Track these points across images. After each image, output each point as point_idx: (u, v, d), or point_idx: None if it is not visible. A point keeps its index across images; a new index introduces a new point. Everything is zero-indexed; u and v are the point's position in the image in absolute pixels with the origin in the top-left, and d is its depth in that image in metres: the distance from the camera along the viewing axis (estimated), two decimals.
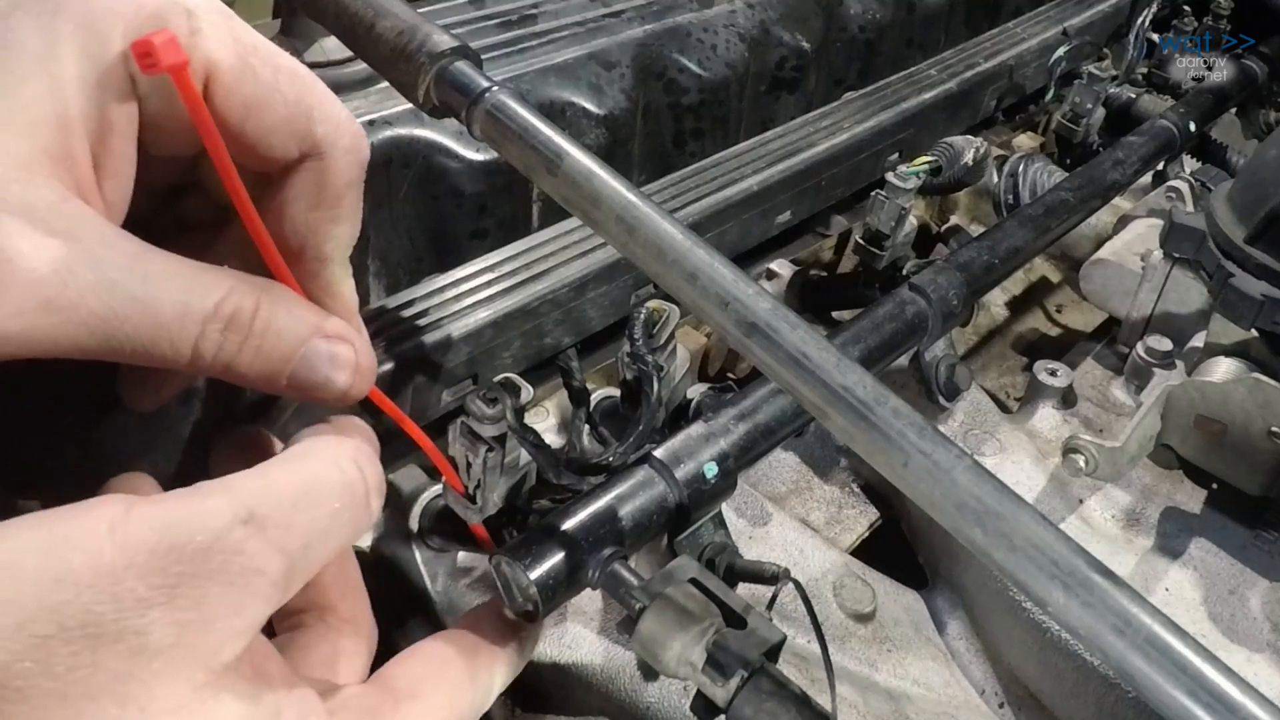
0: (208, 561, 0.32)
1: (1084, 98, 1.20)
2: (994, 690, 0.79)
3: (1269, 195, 0.79)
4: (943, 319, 0.75)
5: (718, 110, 0.90)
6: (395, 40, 0.46)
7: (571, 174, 0.42)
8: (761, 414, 0.63)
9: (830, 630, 0.74)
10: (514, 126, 0.43)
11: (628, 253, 0.41)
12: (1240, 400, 0.77)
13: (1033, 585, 0.33)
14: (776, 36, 0.95)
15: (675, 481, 0.56)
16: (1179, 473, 0.85)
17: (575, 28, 0.84)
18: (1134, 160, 1.00)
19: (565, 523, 0.52)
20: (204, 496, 0.34)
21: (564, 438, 0.77)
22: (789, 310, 0.38)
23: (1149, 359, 0.87)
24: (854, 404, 0.35)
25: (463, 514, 0.53)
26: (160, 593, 0.31)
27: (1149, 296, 0.92)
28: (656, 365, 0.52)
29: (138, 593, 0.31)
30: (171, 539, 0.32)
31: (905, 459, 0.34)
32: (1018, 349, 1.13)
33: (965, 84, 1.12)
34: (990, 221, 1.18)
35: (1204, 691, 0.30)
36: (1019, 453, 0.85)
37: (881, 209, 0.90)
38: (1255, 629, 0.74)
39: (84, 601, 0.30)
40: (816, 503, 0.87)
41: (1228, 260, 0.80)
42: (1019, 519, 0.33)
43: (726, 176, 0.87)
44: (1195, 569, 0.78)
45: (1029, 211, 0.88)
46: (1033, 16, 1.31)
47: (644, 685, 0.66)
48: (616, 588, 0.51)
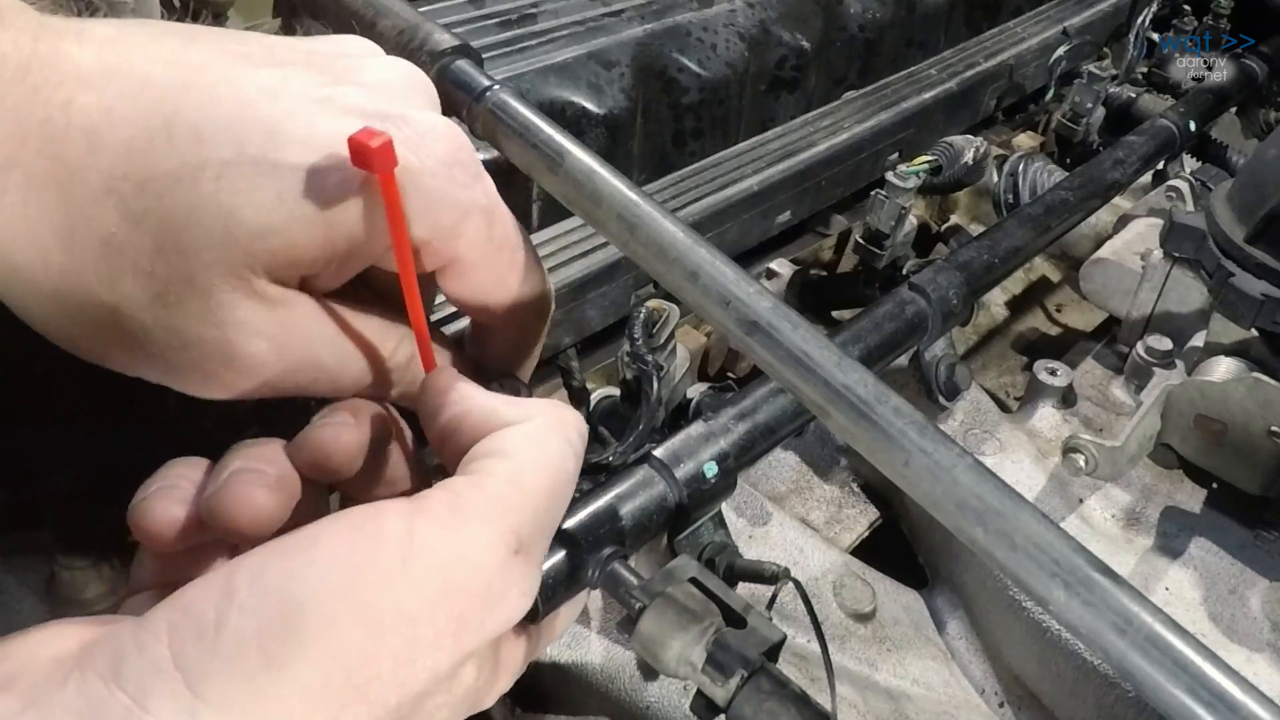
0: (488, 597, 0.33)
1: (1084, 97, 1.20)
2: (994, 690, 0.79)
3: (1269, 195, 0.79)
4: (943, 318, 0.75)
5: (718, 110, 0.90)
6: (396, 39, 0.46)
7: (573, 173, 0.42)
8: (761, 413, 0.63)
9: (830, 630, 0.74)
10: (515, 125, 0.43)
11: (629, 251, 0.41)
12: (1240, 400, 0.77)
13: (1034, 584, 0.33)
14: (776, 36, 0.94)
15: (675, 481, 0.56)
16: (1179, 472, 0.85)
17: (575, 27, 0.84)
18: (1134, 160, 1.00)
19: (565, 522, 0.51)
20: (476, 524, 0.34)
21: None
22: (790, 309, 0.38)
23: (1149, 358, 0.87)
24: (855, 402, 0.35)
25: None
26: (449, 636, 0.32)
27: (1149, 296, 0.92)
28: (656, 364, 0.52)
29: (429, 637, 0.32)
30: (454, 578, 0.32)
31: (906, 458, 0.34)
32: (1018, 348, 1.13)
33: (965, 83, 1.12)
34: (990, 221, 1.18)
35: (1205, 690, 0.30)
36: (1019, 452, 0.85)
37: (881, 208, 0.90)
38: (1255, 628, 0.74)
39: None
40: (816, 502, 0.87)
41: (1228, 260, 0.80)
42: (1020, 518, 0.33)
43: (726, 176, 0.87)
44: (1195, 568, 0.78)
45: (1029, 211, 0.88)
46: (1033, 16, 1.31)
47: (644, 685, 0.66)
48: (616, 587, 0.51)
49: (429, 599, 0.31)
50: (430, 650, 0.31)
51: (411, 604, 0.31)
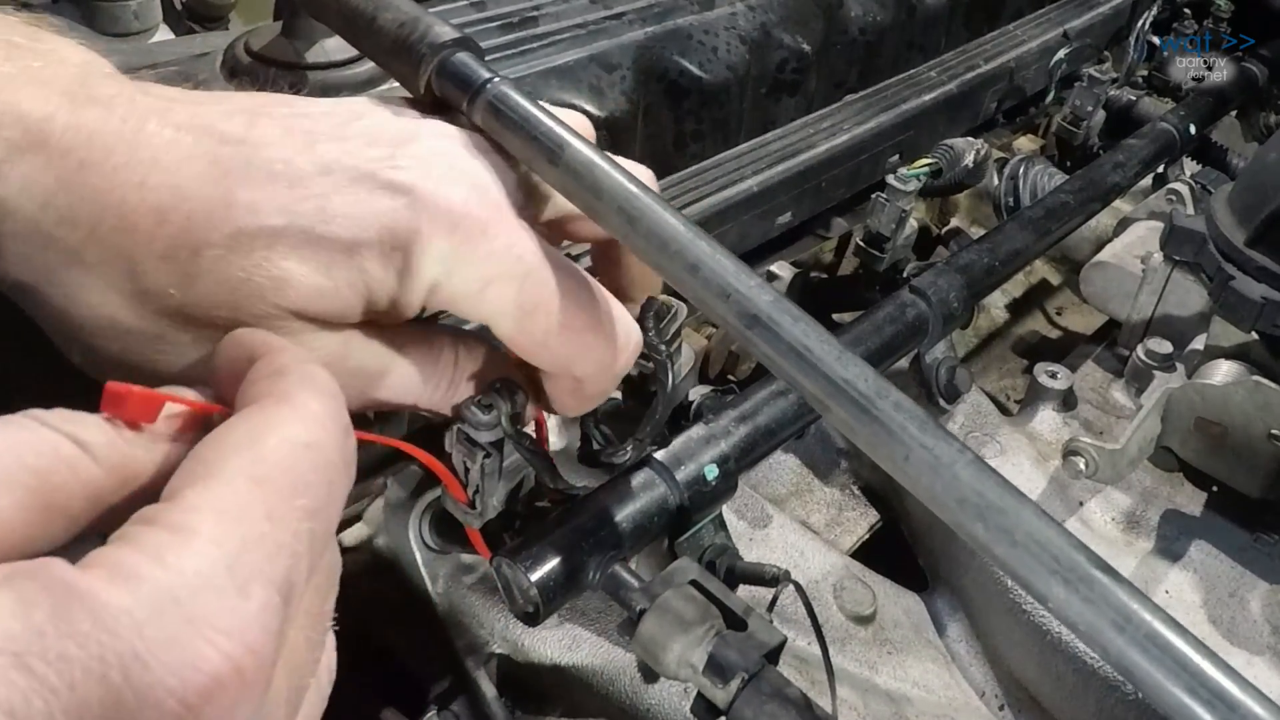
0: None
1: (1084, 100, 1.20)
2: (994, 692, 0.79)
3: (1269, 198, 0.79)
4: (943, 321, 0.75)
5: (718, 112, 0.90)
6: (397, 32, 0.46)
7: (573, 164, 0.42)
8: (762, 416, 0.63)
9: (830, 632, 0.74)
10: (515, 117, 0.43)
11: (629, 244, 0.41)
12: (1240, 403, 0.77)
13: (1033, 581, 0.33)
14: (777, 39, 0.94)
15: (676, 483, 0.56)
16: (1179, 475, 0.85)
17: (576, 30, 0.84)
18: (1134, 163, 1.00)
19: (566, 524, 0.51)
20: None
21: (565, 439, 0.77)
22: (791, 303, 0.38)
23: (1149, 361, 0.87)
24: (855, 397, 0.35)
25: (462, 519, 0.53)
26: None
27: (1149, 299, 0.92)
28: (669, 355, 0.52)
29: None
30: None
31: (907, 453, 0.34)
32: (1018, 351, 1.13)
33: (965, 86, 1.12)
34: (990, 224, 1.18)
35: (1204, 688, 0.30)
36: (1019, 455, 0.85)
37: (882, 211, 0.90)
38: (1255, 632, 0.74)
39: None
40: (817, 505, 0.87)
41: (1228, 263, 0.80)
42: (1020, 514, 0.33)
43: (727, 178, 0.87)
44: (1195, 571, 0.78)
45: (1029, 214, 0.88)
46: (1033, 19, 1.31)
47: (644, 687, 0.65)
48: (617, 589, 0.51)
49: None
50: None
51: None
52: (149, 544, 0.27)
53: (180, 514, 0.28)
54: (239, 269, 0.38)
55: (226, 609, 0.27)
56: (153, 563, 0.27)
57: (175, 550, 0.27)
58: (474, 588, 0.68)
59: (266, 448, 0.30)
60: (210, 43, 0.69)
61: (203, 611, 0.27)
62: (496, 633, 0.67)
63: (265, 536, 0.29)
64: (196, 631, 0.26)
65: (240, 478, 0.29)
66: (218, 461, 0.30)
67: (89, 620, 0.25)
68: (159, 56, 0.66)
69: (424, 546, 0.67)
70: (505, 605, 0.52)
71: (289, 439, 0.31)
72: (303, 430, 0.31)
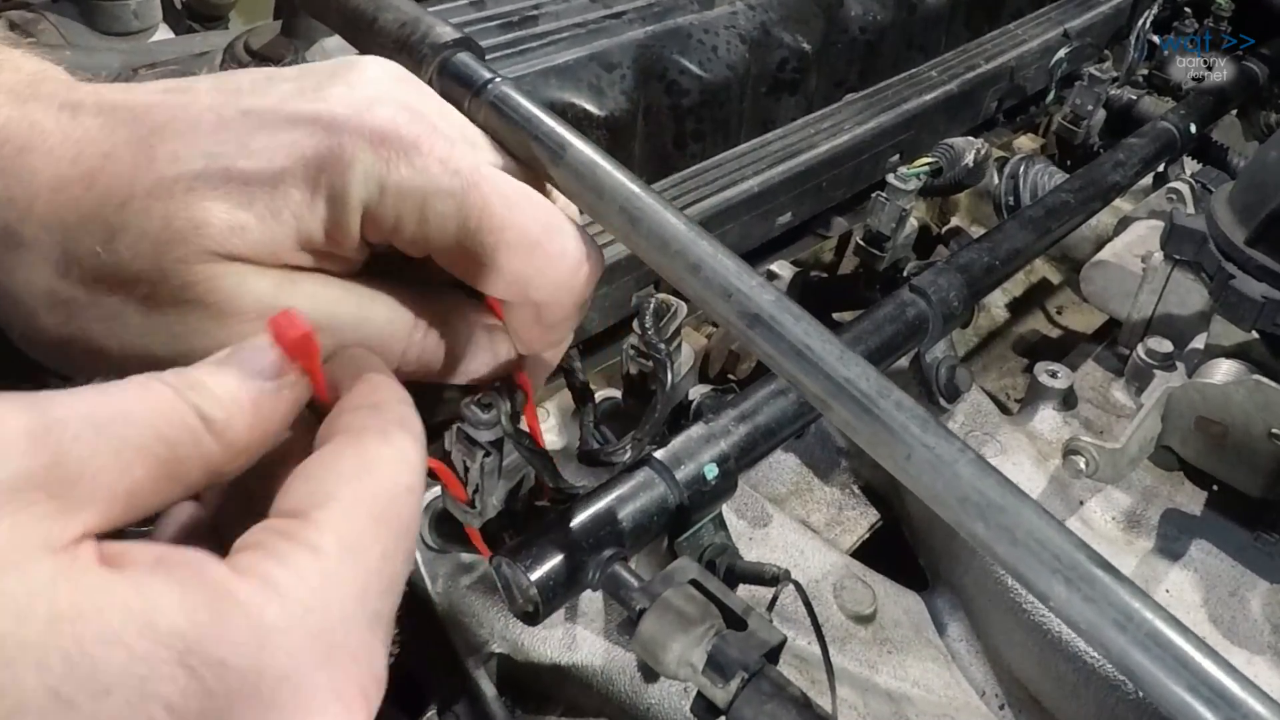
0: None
1: (1085, 99, 1.20)
2: (994, 692, 0.79)
3: (1270, 197, 0.79)
4: (943, 320, 0.75)
5: (718, 112, 0.90)
6: (398, 33, 0.46)
7: (575, 164, 0.42)
8: (762, 415, 0.63)
9: (830, 632, 0.74)
10: (516, 118, 0.43)
11: (631, 244, 0.41)
12: (1241, 402, 0.77)
13: (1034, 579, 0.32)
14: (777, 38, 0.95)
15: (675, 483, 0.56)
16: (1179, 474, 0.85)
17: (576, 29, 0.84)
18: (1134, 162, 1.00)
19: (566, 524, 0.51)
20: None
21: (564, 439, 0.77)
22: (792, 302, 0.38)
23: (1149, 361, 0.87)
24: (857, 396, 0.35)
25: (462, 518, 0.53)
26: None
27: (1149, 298, 0.92)
28: (669, 353, 0.51)
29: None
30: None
31: (908, 452, 0.34)
32: (1018, 350, 1.13)
33: (966, 85, 1.12)
34: (991, 223, 1.18)
35: (1205, 687, 0.30)
36: (1019, 454, 0.85)
37: (882, 210, 0.90)
38: (1256, 631, 0.74)
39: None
40: (817, 504, 0.87)
41: (1228, 262, 0.80)
42: (1022, 513, 0.33)
43: (727, 178, 0.87)
44: (1196, 571, 0.78)
45: (1030, 213, 0.88)
46: (1033, 18, 1.31)
47: (644, 686, 0.65)
48: (617, 589, 0.51)
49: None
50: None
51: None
52: (291, 561, 0.29)
53: (315, 534, 0.30)
54: (159, 216, 0.37)
55: (363, 643, 0.30)
56: (298, 582, 0.29)
57: (317, 574, 0.29)
58: (474, 587, 0.68)
59: (381, 486, 0.33)
60: (210, 42, 0.69)
61: (343, 640, 0.29)
62: (496, 632, 0.67)
63: (381, 574, 0.31)
64: (338, 662, 0.29)
65: (361, 511, 0.31)
66: (336, 487, 0.32)
67: (246, 631, 0.27)
68: (159, 55, 0.66)
69: (424, 546, 0.67)
70: (505, 605, 0.52)
71: (398, 482, 0.33)
72: (407, 475, 0.33)
